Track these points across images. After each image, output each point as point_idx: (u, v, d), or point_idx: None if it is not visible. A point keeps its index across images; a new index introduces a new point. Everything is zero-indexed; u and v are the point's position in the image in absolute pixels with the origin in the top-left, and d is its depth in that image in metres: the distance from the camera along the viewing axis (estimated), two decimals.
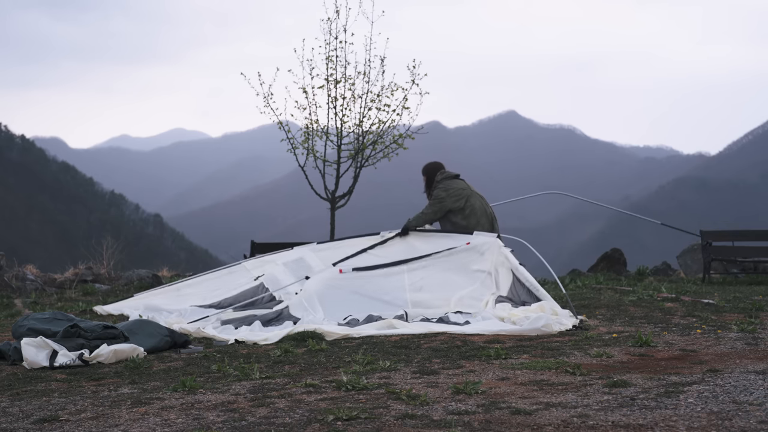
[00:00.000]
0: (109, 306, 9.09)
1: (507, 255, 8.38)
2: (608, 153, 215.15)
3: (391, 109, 12.71)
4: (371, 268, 8.43)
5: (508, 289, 8.13)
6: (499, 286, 8.20)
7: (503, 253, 8.41)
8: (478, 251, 8.47)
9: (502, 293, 8.06)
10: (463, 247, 8.48)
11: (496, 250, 8.45)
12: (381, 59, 12.77)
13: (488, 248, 8.47)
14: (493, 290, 8.13)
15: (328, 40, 12.72)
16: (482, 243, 8.50)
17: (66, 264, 13.42)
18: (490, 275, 8.31)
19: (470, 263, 8.40)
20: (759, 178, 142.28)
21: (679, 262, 14.46)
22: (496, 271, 8.33)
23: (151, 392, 4.83)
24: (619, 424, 3.79)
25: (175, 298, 9.03)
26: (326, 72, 12.70)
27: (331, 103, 12.76)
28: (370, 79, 12.74)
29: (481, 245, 8.49)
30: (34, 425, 4.12)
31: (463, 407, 4.19)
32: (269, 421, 4.03)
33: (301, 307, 7.83)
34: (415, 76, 12.71)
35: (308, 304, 7.85)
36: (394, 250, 8.70)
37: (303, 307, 7.81)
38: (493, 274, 8.31)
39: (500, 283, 8.23)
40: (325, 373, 5.29)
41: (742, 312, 7.85)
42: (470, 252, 8.46)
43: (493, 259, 8.39)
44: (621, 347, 5.98)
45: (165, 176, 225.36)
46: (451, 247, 8.53)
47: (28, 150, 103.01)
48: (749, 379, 4.69)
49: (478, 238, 8.58)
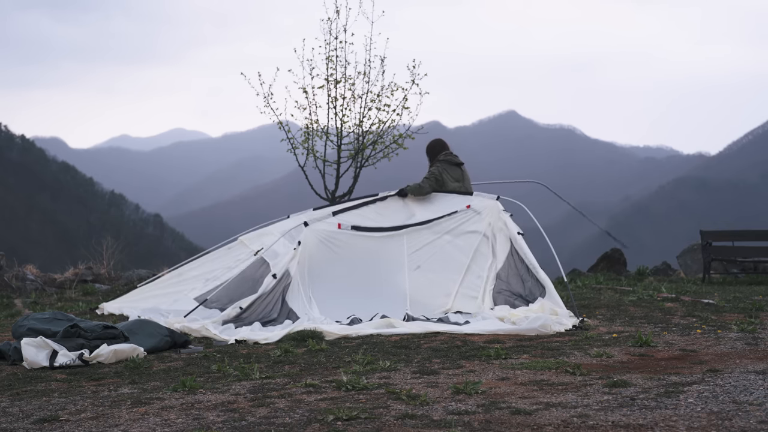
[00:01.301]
0: (114, 302, 9.03)
1: (506, 221, 8.34)
2: (608, 153, 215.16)
3: (391, 109, 12.71)
4: (370, 230, 8.37)
5: (504, 259, 8.12)
6: (496, 253, 8.20)
7: (502, 218, 8.37)
8: (476, 212, 8.48)
9: (499, 263, 8.07)
10: (463, 210, 8.46)
11: (496, 213, 8.43)
12: (381, 59, 12.78)
13: (488, 211, 8.46)
14: (490, 259, 8.13)
15: (328, 40, 12.72)
16: (482, 206, 8.50)
17: (66, 264, 13.41)
18: (487, 239, 8.30)
19: (468, 225, 8.39)
20: (759, 178, 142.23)
21: (679, 262, 14.47)
22: (493, 236, 8.32)
23: (151, 392, 4.82)
24: (619, 424, 3.79)
25: (177, 284, 8.95)
26: (326, 72, 12.70)
27: (331, 103, 12.76)
28: (370, 79, 12.74)
29: (481, 207, 8.49)
30: (34, 425, 4.12)
31: (463, 407, 4.19)
32: (269, 421, 4.03)
33: (296, 289, 7.80)
34: (415, 76, 12.71)
35: (301, 282, 7.80)
36: (394, 213, 8.60)
37: (297, 289, 7.79)
38: (490, 239, 8.31)
39: (497, 250, 8.22)
40: (325, 373, 5.29)
41: (742, 312, 7.85)
42: (469, 213, 8.46)
43: (492, 222, 8.38)
44: (621, 347, 5.98)
45: (165, 176, 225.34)
46: (452, 211, 8.49)
47: (28, 150, 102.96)
48: (749, 379, 4.69)
49: (478, 201, 8.55)
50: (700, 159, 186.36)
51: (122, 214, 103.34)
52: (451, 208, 8.54)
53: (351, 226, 8.36)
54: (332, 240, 8.34)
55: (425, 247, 8.33)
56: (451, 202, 8.63)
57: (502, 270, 8.10)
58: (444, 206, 8.60)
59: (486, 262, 8.17)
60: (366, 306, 7.74)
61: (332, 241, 8.34)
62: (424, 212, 8.58)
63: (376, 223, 8.52)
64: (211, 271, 8.96)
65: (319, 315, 7.55)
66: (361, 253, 8.28)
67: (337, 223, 8.37)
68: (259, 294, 7.78)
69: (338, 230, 8.33)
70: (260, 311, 7.66)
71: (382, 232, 8.41)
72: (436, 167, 8.81)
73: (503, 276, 8.06)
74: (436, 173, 8.75)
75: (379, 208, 8.68)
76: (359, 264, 8.19)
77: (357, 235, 8.35)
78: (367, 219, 8.53)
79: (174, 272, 9.31)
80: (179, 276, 9.18)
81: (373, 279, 8.11)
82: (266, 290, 7.80)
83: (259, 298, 7.73)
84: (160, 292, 9.05)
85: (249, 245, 9.08)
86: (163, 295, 8.95)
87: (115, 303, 9.08)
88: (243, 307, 7.61)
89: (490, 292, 7.94)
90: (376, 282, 8.07)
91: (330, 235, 8.35)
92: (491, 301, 7.85)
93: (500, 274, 8.07)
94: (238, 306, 7.64)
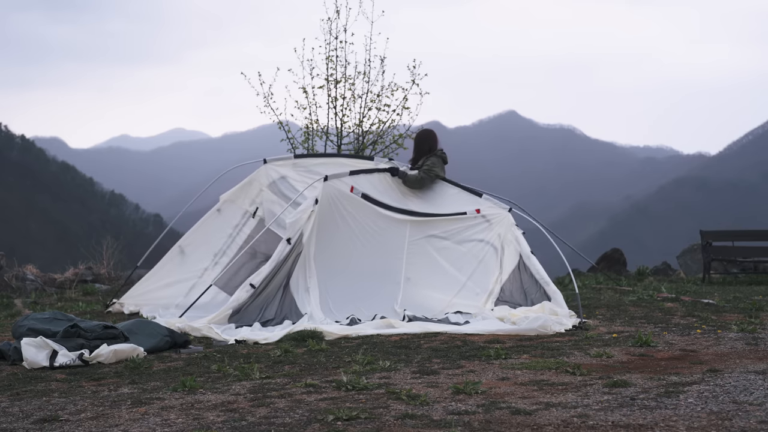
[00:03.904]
0: (128, 298, 8.89)
1: (518, 237, 8.14)
2: (608, 153, 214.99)
3: (391, 109, 12.71)
4: (379, 204, 8.20)
5: (510, 272, 8.00)
6: (503, 266, 8.06)
7: (514, 232, 8.18)
8: (486, 219, 8.27)
9: (504, 276, 7.97)
10: (472, 214, 8.27)
11: (506, 225, 8.23)
12: (381, 59, 12.77)
13: (498, 220, 8.26)
14: (497, 271, 8.03)
15: (328, 40, 12.71)
16: (493, 214, 8.29)
17: (66, 264, 13.40)
18: (496, 250, 8.14)
19: (475, 232, 8.22)
20: (759, 178, 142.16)
21: (679, 262, 14.48)
22: (501, 249, 8.15)
23: (151, 392, 4.82)
24: (619, 424, 3.79)
25: (182, 269, 8.80)
26: (326, 72, 12.69)
27: (331, 103, 12.75)
28: (370, 79, 12.73)
29: (491, 215, 8.29)
30: (34, 425, 4.12)
31: (463, 407, 4.19)
32: (269, 421, 4.03)
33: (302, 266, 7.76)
34: (415, 76, 12.70)
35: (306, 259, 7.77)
36: (403, 195, 8.35)
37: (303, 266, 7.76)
38: (499, 251, 8.14)
39: (504, 263, 8.08)
40: (325, 373, 5.29)
41: (742, 312, 7.85)
42: (478, 219, 8.27)
43: (502, 234, 8.20)
44: (621, 347, 5.98)
45: (165, 176, 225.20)
46: (460, 211, 8.27)
47: (28, 150, 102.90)
48: (749, 379, 4.69)
49: (488, 207, 8.32)
50: (700, 159, 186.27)
51: (122, 214, 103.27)
52: (460, 208, 8.31)
53: (362, 193, 8.18)
54: (342, 205, 8.15)
55: (423, 254, 8.17)
56: (460, 200, 8.37)
57: (506, 283, 7.99)
58: (453, 203, 8.34)
59: (491, 276, 8.02)
60: (364, 300, 7.72)
61: (342, 206, 8.14)
62: (432, 203, 8.34)
63: (385, 197, 8.28)
64: (214, 242, 8.77)
65: (320, 314, 7.54)
66: (365, 233, 8.14)
67: (351, 185, 8.19)
68: (275, 264, 7.61)
69: (350, 194, 8.16)
70: (272, 288, 7.55)
71: (389, 211, 8.21)
72: (434, 162, 8.45)
73: (507, 289, 7.96)
74: (435, 171, 8.41)
75: (391, 182, 8.39)
76: (362, 249, 8.08)
77: (365, 206, 8.17)
78: (378, 191, 8.30)
79: (175, 250, 9.06)
80: (182, 255, 8.97)
81: (374, 269, 8.01)
82: (280, 259, 7.65)
83: (273, 269, 7.59)
84: (173, 279, 8.84)
85: (237, 203, 8.92)
86: (177, 282, 8.75)
87: (127, 299, 8.89)
88: (254, 284, 7.49)
89: (493, 301, 7.90)
90: (376, 275, 8.00)
91: (342, 196, 8.15)
92: (493, 305, 7.85)
93: (504, 287, 7.99)
94: (249, 284, 7.52)
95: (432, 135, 8.82)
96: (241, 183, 9.10)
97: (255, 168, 9.11)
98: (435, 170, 8.41)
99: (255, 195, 8.93)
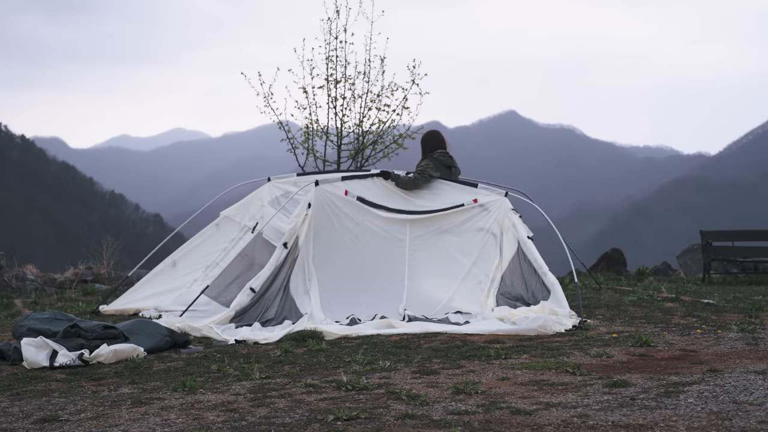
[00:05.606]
0: (113, 305, 8.89)
1: (515, 222, 8.13)
2: (608, 153, 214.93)
3: (391, 109, 12.71)
4: (375, 206, 8.22)
5: (509, 260, 8.00)
6: (503, 253, 8.06)
7: (511, 218, 8.17)
8: (484, 208, 8.27)
9: (504, 264, 7.97)
10: (470, 204, 8.26)
11: (503, 210, 8.22)
12: (381, 59, 12.77)
13: (495, 206, 8.25)
14: (497, 260, 8.01)
15: (328, 40, 12.72)
16: (490, 201, 8.29)
17: (66, 264, 13.40)
18: (495, 237, 8.13)
19: (475, 222, 8.21)
20: (759, 178, 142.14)
21: (679, 262, 14.47)
22: (501, 234, 8.14)
23: (151, 392, 4.82)
24: (619, 424, 3.79)
25: (172, 278, 8.76)
26: (326, 72, 12.70)
27: (331, 103, 12.76)
28: (370, 79, 12.74)
29: (488, 203, 8.29)
30: (34, 425, 4.12)
31: (463, 407, 4.19)
32: (269, 421, 4.03)
33: (300, 269, 7.78)
34: (415, 76, 12.71)
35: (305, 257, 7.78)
36: (399, 196, 8.35)
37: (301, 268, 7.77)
38: (498, 238, 8.13)
39: (504, 249, 8.08)
40: (325, 373, 5.29)
41: (742, 312, 7.85)
42: (476, 209, 8.26)
43: (500, 219, 8.19)
44: (621, 347, 5.98)
45: (165, 176, 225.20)
46: (458, 204, 8.26)
47: (28, 150, 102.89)
48: (749, 379, 4.69)
49: (485, 195, 8.32)
50: (700, 159, 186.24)
51: (122, 214, 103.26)
52: (457, 201, 8.30)
53: (357, 196, 8.21)
54: (338, 208, 8.17)
55: (426, 247, 8.20)
56: (457, 193, 8.38)
57: (506, 272, 8.00)
58: (450, 197, 8.35)
59: (492, 264, 8.03)
60: (365, 301, 7.73)
61: (338, 209, 8.17)
62: (428, 201, 8.35)
63: (381, 200, 8.30)
64: (207, 255, 8.78)
65: (320, 314, 7.54)
66: (364, 233, 8.14)
67: (344, 189, 8.22)
68: (273, 268, 7.68)
69: (344, 197, 8.19)
70: (272, 291, 7.57)
71: (386, 212, 8.23)
72: (427, 163, 8.46)
73: (507, 278, 7.96)
74: (428, 171, 8.40)
75: (385, 185, 8.41)
76: (361, 250, 8.08)
77: (361, 208, 8.19)
78: (373, 194, 8.32)
79: (167, 262, 9.06)
80: (173, 267, 8.96)
81: (373, 269, 8.01)
82: (278, 263, 7.72)
83: (272, 274, 7.66)
84: (162, 288, 8.84)
85: (237, 219, 8.92)
86: (166, 292, 8.76)
87: (114, 306, 8.93)
88: (254, 288, 7.54)
89: (494, 294, 7.89)
90: (376, 275, 7.99)
91: (337, 200, 8.18)
92: (494, 302, 7.82)
93: (504, 276, 8.00)
94: (249, 288, 7.58)
95: (435, 136, 8.82)
96: (243, 200, 9.13)
97: (259, 185, 9.15)
98: (428, 171, 8.42)
99: (256, 211, 8.92)
